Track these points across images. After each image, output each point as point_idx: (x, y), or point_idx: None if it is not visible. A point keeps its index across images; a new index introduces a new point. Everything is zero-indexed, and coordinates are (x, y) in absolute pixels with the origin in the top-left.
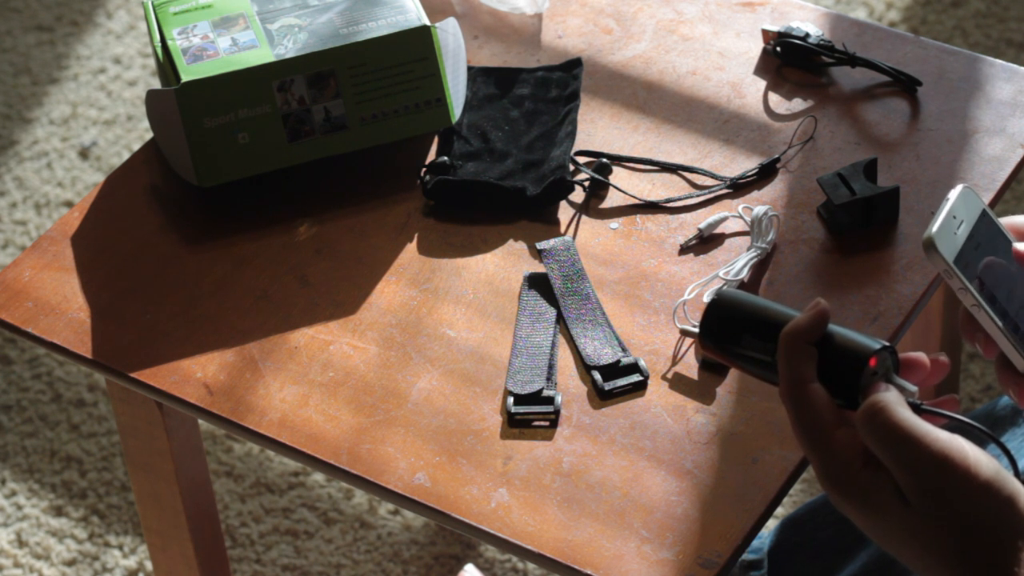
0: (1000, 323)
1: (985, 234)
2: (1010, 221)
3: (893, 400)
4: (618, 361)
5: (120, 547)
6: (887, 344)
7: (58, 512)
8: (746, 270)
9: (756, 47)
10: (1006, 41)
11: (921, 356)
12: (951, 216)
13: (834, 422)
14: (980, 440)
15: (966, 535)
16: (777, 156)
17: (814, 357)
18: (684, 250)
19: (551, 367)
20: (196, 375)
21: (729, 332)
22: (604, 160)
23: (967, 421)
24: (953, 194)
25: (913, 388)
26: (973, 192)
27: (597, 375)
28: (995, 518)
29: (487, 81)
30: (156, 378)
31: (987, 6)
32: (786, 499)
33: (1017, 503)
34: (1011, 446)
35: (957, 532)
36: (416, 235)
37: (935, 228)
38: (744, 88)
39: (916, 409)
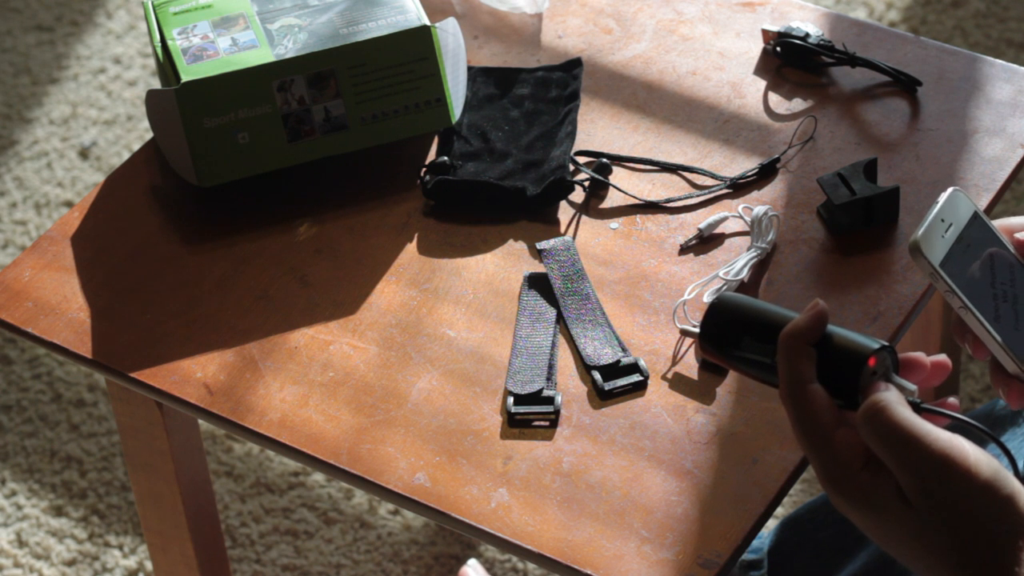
0: (988, 325)
1: (976, 237)
2: (1004, 223)
3: (893, 400)
4: (618, 361)
5: (120, 547)
6: (886, 344)
7: (58, 512)
8: (746, 270)
9: (756, 47)
10: (1006, 41)
11: (921, 356)
12: (939, 219)
13: (834, 423)
14: (980, 440)
15: (967, 535)
16: (777, 156)
17: (813, 358)
18: (684, 250)
19: (551, 367)
20: (196, 375)
21: (729, 335)
22: (604, 160)
23: (968, 421)
24: (943, 197)
25: (912, 387)
26: (964, 195)
27: (597, 375)
28: (995, 518)
29: (487, 81)
30: (156, 378)
31: (987, 6)
32: (786, 499)
33: (1017, 502)
34: (1011, 446)
35: (958, 532)
36: (416, 235)
37: (920, 232)
38: (744, 88)
39: (916, 408)
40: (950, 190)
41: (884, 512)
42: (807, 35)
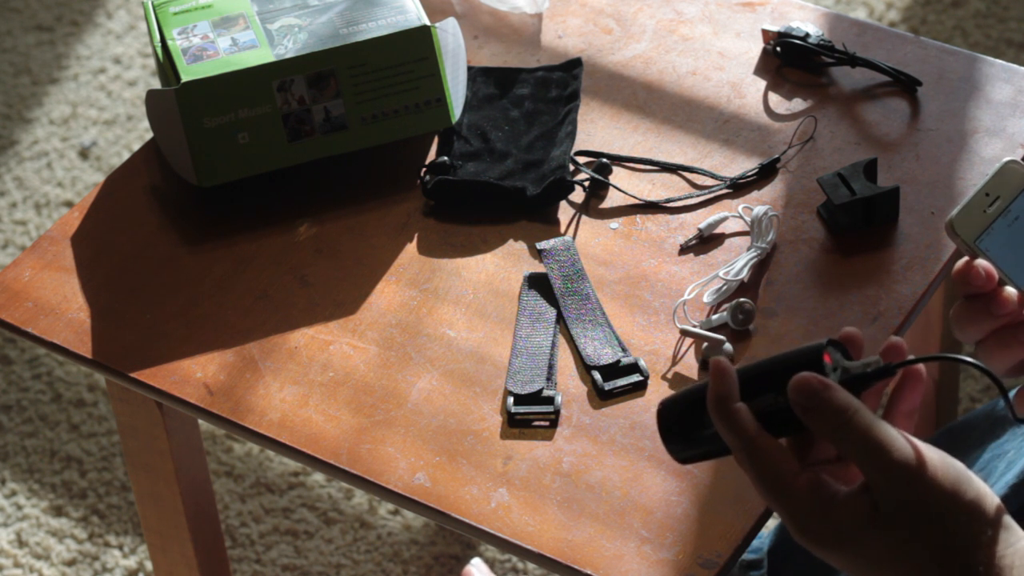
0: None
1: None
2: None
3: (859, 406)
4: (618, 361)
5: (120, 547)
6: (828, 339)
7: (58, 512)
8: (746, 270)
9: (756, 47)
10: (1006, 41)
11: (853, 331)
12: (983, 194)
13: (794, 470)
14: (967, 443)
15: (940, 544)
16: (777, 156)
17: (747, 413)
18: (684, 250)
19: (551, 367)
20: (196, 375)
21: (688, 430)
22: (604, 160)
23: (955, 358)
24: (992, 170)
25: (875, 358)
26: (1020, 167)
27: (597, 375)
28: (964, 524)
29: (487, 81)
30: (156, 378)
31: (987, 6)
32: None
33: (981, 505)
34: (1011, 446)
35: (930, 543)
36: (416, 235)
37: (956, 211)
38: (744, 88)
39: (888, 371)
40: (1002, 161)
41: (859, 541)
42: (807, 35)
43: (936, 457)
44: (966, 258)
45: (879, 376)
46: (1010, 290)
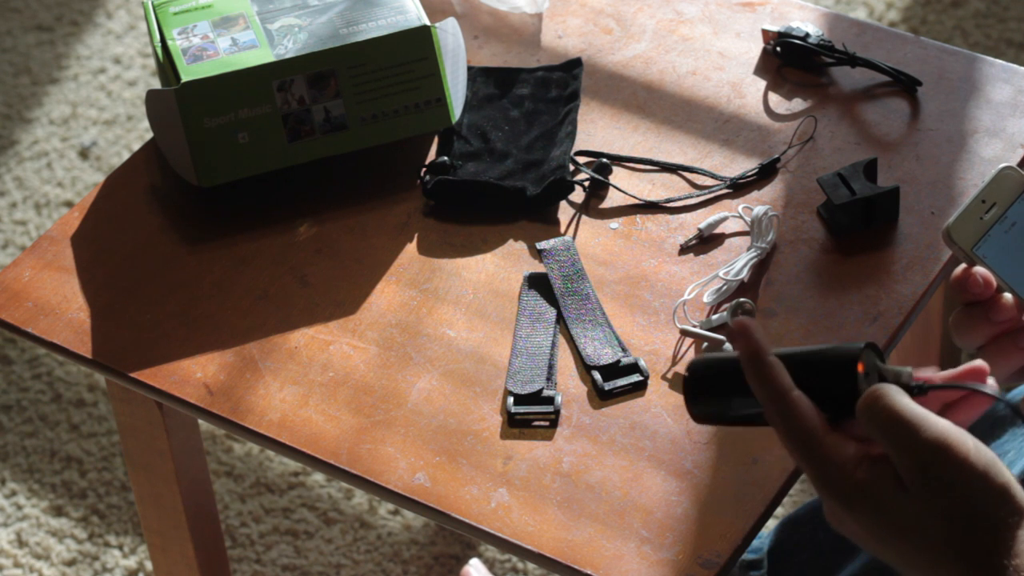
0: None
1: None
2: None
3: (891, 388)
4: (618, 361)
5: (120, 547)
6: (865, 343)
7: (58, 512)
8: (746, 270)
9: (756, 47)
10: (1006, 41)
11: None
12: (980, 200)
13: (823, 428)
14: (983, 432)
15: (964, 522)
16: (777, 156)
17: (782, 368)
18: (684, 250)
19: (551, 367)
20: (196, 375)
21: (714, 394)
22: (604, 160)
23: (977, 388)
24: (987, 177)
25: (907, 370)
26: (1015, 173)
27: (597, 375)
28: (992, 505)
29: (487, 81)
30: (156, 378)
31: (987, 6)
32: (786, 499)
33: (1011, 490)
34: (1011, 446)
35: (955, 519)
36: (416, 235)
37: (952, 218)
38: (744, 88)
39: (921, 390)
40: (998, 168)
41: (881, 506)
42: (807, 35)
43: (970, 440)
44: (964, 265)
45: (911, 394)
46: (1008, 296)
